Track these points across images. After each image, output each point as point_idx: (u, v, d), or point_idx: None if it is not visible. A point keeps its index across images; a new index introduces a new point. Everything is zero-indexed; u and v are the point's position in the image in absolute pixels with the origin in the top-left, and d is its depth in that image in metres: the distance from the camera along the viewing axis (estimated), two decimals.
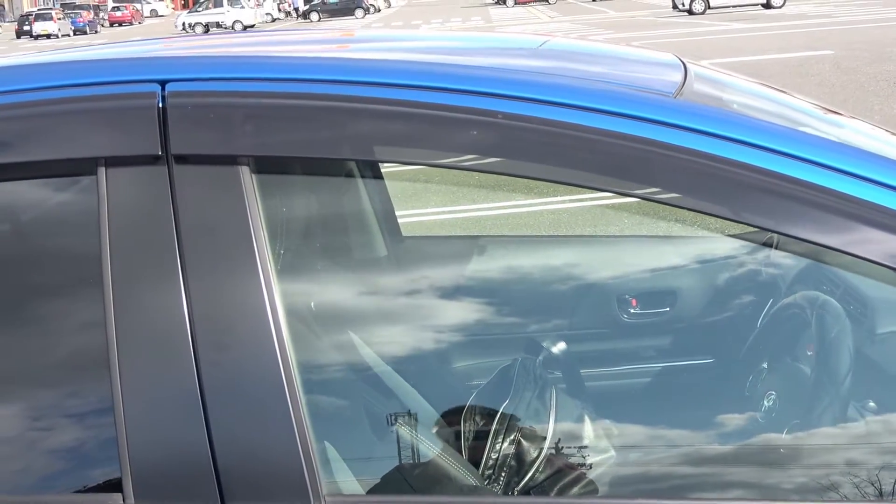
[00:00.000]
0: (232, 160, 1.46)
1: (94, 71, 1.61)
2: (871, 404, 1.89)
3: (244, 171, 1.47)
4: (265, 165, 1.54)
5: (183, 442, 1.43)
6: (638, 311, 2.68)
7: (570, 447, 1.93)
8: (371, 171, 2.50)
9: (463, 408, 2.06)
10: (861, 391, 1.90)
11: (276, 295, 1.46)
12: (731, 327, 2.48)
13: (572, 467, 1.89)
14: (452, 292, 2.56)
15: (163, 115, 1.46)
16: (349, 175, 2.25)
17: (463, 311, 2.52)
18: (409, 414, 2.14)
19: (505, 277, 2.68)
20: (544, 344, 2.34)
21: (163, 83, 1.50)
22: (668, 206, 1.47)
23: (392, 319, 2.41)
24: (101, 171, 1.46)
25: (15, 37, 61.85)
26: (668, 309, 2.66)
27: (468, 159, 1.49)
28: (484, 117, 1.45)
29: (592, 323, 2.67)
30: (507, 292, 2.60)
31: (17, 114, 1.51)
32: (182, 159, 1.46)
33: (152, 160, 1.45)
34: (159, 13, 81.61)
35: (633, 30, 32.52)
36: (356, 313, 2.31)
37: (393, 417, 2.05)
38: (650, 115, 1.46)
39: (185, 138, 1.46)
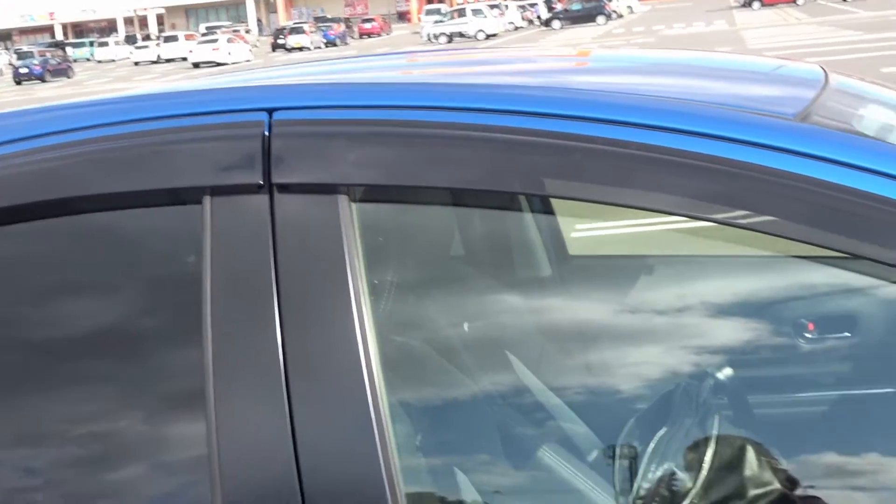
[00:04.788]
0: (332, 189, 1.47)
1: (205, 101, 1.66)
2: None
3: (343, 201, 1.47)
4: (369, 194, 1.54)
5: (272, 469, 1.44)
6: (815, 335, 2.54)
7: (729, 478, 1.85)
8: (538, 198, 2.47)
9: (618, 434, 2.01)
10: None
11: (370, 327, 1.46)
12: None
13: (730, 499, 1.81)
14: (617, 314, 2.50)
15: (268, 143, 1.48)
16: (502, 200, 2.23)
17: (627, 333, 2.46)
18: (558, 439, 2.10)
19: (672, 298, 2.59)
20: (710, 369, 2.25)
21: (270, 111, 1.53)
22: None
23: (550, 340, 2.38)
24: (207, 199, 1.49)
25: (271, 50, 64.76)
26: (848, 334, 2.52)
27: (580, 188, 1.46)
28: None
29: (764, 348, 2.56)
30: (674, 314, 2.52)
31: (127, 144, 1.56)
32: (284, 188, 1.47)
33: (255, 189, 1.47)
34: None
35: (884, 30, 31.10)
36: (509, 335, 2.28)
37: (537, 442, 2.02)
38: (761, 140, 1.38)
39: (287, 167, 1.47)
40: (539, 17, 72.68)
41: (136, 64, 65.29)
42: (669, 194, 1.41)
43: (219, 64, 53.88)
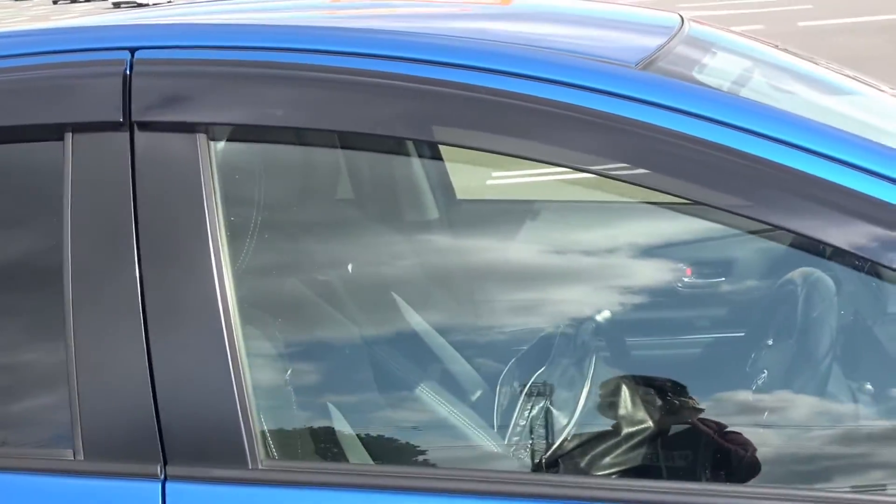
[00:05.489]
0: (191, 128, 1.50)
1: (68, 39, 1.67)
2: (864, 386, 1.82)
3: (201, 140, 1.49)
4: (229, 134, 1.58)
5: (130, 404, 1.49)
6: (692, 280, 2.62)
7: (603, 417, 1.91)
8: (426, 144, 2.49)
9: (499, 373, 2.06)
10: (848, 373, 1.83)
11: (226, 264, 1.49)
12: (757, 302, 2.41)
13: (603, 437, 1.86)
14: (501, 256, 2.55)
15: (129, 81, 1.50)
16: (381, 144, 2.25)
17: (510, 275, 2.50)
18: (439, 378, 2.14)
19: (557, 242, 2.65)
20: (589, 311, 2.31)
21: (133, 50, 1.54)
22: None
23: (436, 282, 2.42)
24: (68, 136, 1.51)
25: None
26: (723, 279, 2.60)
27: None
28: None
29: (643, 291, 2.63)
30: (557, 258, 2.57)
31: None
32: (144, 126, 1.50)
33: (116, 126, 1.49)
34: None
35: None
36: (395, 276, 2.32)
37: (417, 381, 2.06)
38: (601, 87, 1.43)
39: (148, 105, 1.50)
40: None
41: (55, 2, 63.73)
42: (523, 139, 1.46)
43: (140, 5, 52.76)
